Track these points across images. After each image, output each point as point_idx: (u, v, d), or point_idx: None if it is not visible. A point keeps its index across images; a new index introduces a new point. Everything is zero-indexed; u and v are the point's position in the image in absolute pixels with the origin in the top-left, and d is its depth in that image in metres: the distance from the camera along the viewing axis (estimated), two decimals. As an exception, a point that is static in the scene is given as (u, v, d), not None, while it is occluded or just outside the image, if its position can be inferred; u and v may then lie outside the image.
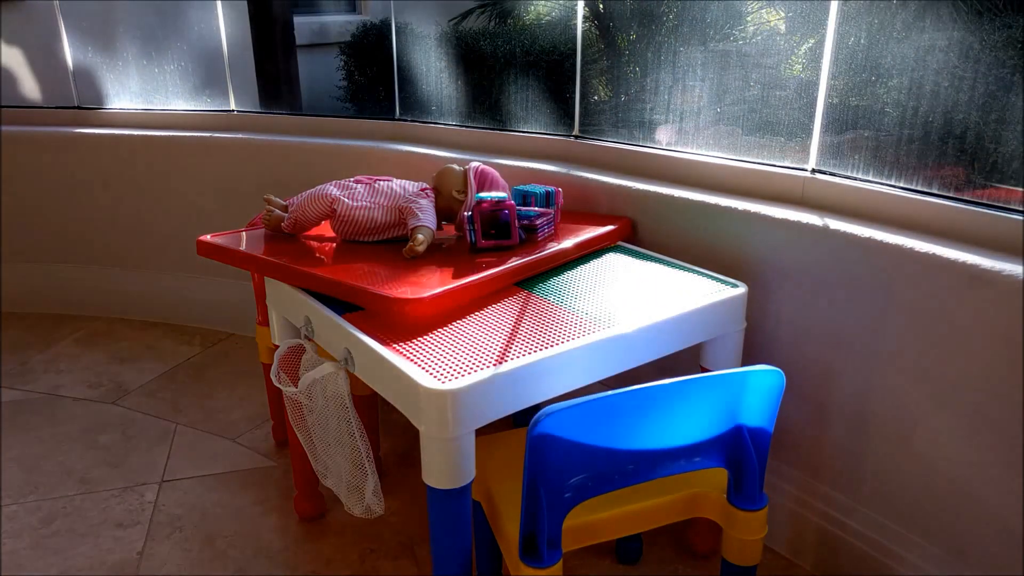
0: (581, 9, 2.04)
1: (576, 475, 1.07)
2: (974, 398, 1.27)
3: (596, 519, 1.22)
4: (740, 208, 1.57)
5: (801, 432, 1.57)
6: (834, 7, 1.50)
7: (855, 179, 1.52)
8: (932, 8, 1.42)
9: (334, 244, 1.63)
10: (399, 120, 2.45)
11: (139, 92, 2.93)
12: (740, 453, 1.17)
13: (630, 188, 1.78)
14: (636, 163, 1.91)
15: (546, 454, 1.02)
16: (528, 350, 1.20)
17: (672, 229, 1.71)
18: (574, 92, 2.07)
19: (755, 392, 1.12)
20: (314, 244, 1.62)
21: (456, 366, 1.15)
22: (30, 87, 2.94)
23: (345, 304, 1.38)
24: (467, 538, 1.21)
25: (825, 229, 1.44)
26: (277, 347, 1.60)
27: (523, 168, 2.02)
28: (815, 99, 1.55)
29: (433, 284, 1.35)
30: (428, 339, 1.24)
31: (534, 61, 3.27)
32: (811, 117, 1.57)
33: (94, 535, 1.73)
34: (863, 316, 1.41)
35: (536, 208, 1.68)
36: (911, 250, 1.31)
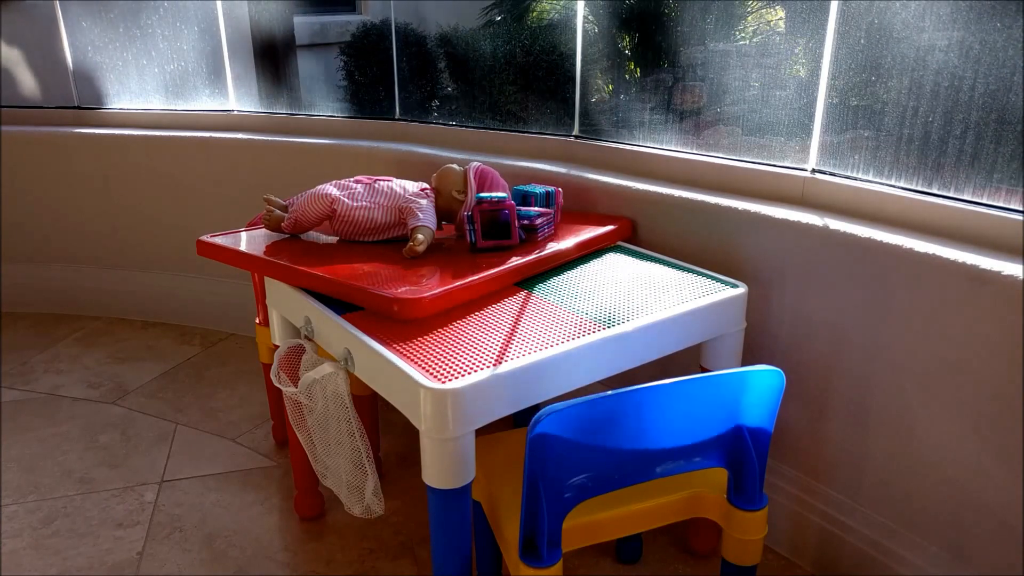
0: (581, 9, 2.04)
1: (576, 475, 1.07)
2: (974, 398, 1.27)
3: (596, 519, 1.22)
4: (740, 208, 1.57)
5: (801, 432, 1.57)
6: (834, 7, 1.50)
7: (855, 179, 1.52)
8: (932, 8, 1.42)
9: (334, 244, 1.63)
10: (399, 120, 2.45)
11: (139, 92, 2.93)
12: (740, 453, 1.17)
13: (630, 188, 1.78)
14: (636, 163, 1.91)
15: (546, 454, 1.02)
16: (528, 350, 1.20)
17: (672, 229, 1.71)
18: (574, 92, 2.07)
19: (755, 392, 1.12)
20: (314, 244, 1.62)
21: (456, 366, 1.15)
22: (30, 87, 2.94)
23: (345, 304, 1.38)
24: (467, 538, 1.21)
25: (825, 229, 1.44)
26: (277, 347, 1.60)
27: (523, 168, 2.02)
28: (815, 99, 1.55)
29: (433, 284, 1.35)
30: (428, 339, 1.24)
31: (534, 61, 3.28)
32: (811, 117, 1.57)
33: (94, 535, 1.73)
34: (863, 316, 1.41)
35: (536, 208, 1.68)
36: (911, 250, 1.31)
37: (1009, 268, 1.20)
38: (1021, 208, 1.30)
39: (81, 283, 2.89)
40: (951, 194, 1.40)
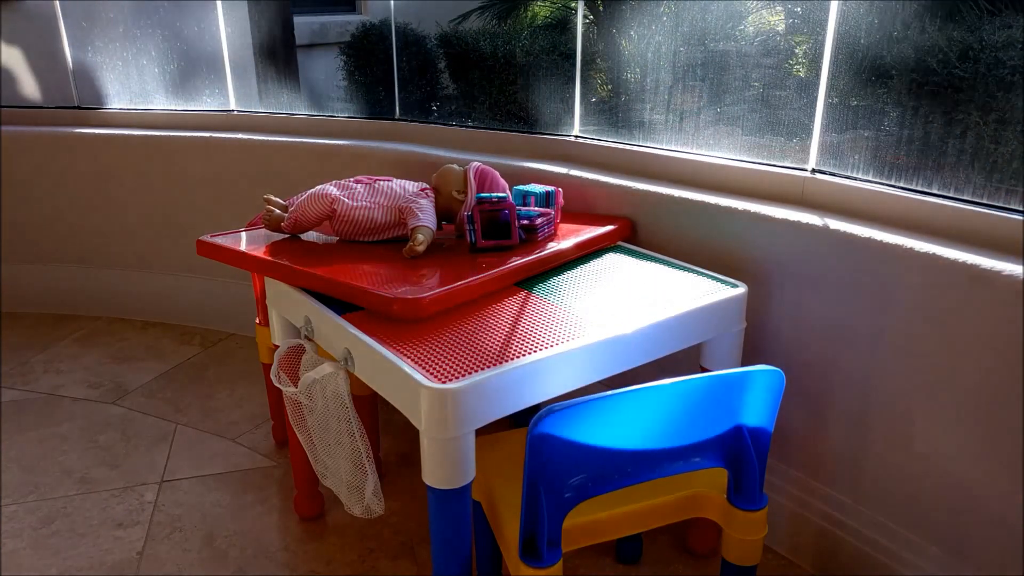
0: (581, 9, 2.04)
1: (576, 475, 1.07)
2: (974, 398, 1.27)
3: (596, 519, 1.22)
4: (740, 208, 1.57)
5: (801, 432, 1.57)
6: (834, 7, 1.50)
7: (855, 179, 1.52)
8: (932, 8, 1.42)
9: (334, 244, 1.63)
10: (399, 120, 2.45)
11: (139, 92, 2.93)
12: (740, 453, 1.17)
13: (630, 188, 1.78)
14: (636, 163, 1.91)
15: (546, 454, 1.02)
16: (528, 350, 1.20)
17: (672, 229, 1.71)
18: (574, 92, 2.07)
19: (755, 392, 1.12)
20: (314, 244, 1.62)
21: (456, 366, 1.15)
22: (30, 87, 2.94)
23: (345, 304, 1.38)
24: (467, 538, 1.21)
25: (825, 229, 1.44)
26: (277, 347, 1.60)
27: (523, 168, 2.02)
28: (815, 99, 1.55)
29: (433, 284, 1.35)
30: (428, 339, 1.24)
31: (534, 61, 3.28)
32: (811, 117, 1.57)
33: (94, 535, 1.73)
34: (863, 316, 1.41)
35: (536, 208, 1.68)
36: (911, 250, 1.31)
37: (1009, 268, 1.20)
38: (1021, 208, 1.30)
39: (81, 283, 2.89)
40: (951, 194, 1.40)
